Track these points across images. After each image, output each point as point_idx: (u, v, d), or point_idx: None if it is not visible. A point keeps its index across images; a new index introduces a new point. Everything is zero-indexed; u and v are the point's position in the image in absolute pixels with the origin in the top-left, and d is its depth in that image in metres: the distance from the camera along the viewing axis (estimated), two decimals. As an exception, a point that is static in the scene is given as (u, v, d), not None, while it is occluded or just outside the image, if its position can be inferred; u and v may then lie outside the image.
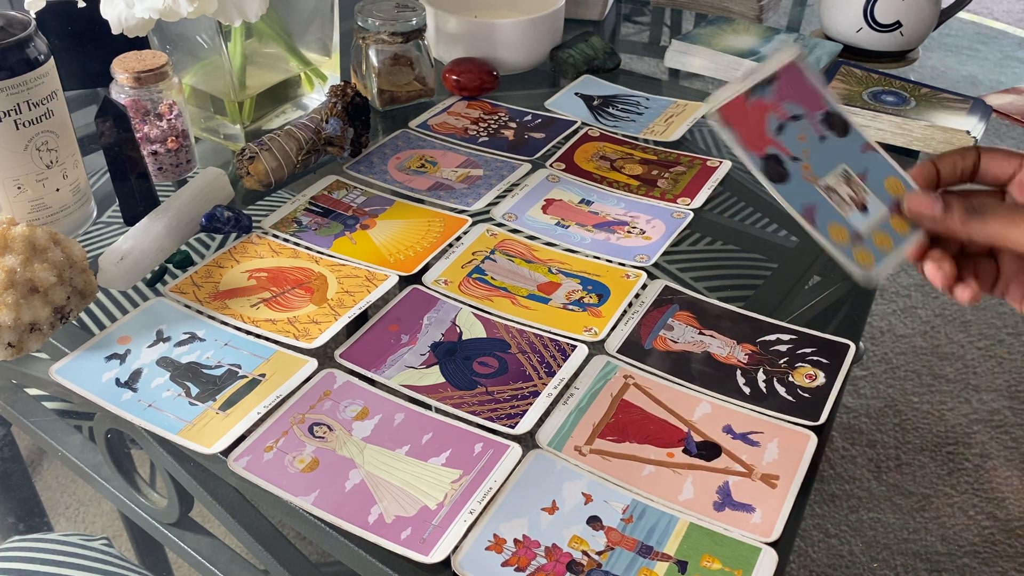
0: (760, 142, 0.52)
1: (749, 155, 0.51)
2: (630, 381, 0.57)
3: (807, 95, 0.54)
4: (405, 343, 0.60)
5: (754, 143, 0.52)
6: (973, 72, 1.32)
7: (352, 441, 0.53)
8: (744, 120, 0.52)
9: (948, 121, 0.80)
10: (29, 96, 0.61)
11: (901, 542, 1.23)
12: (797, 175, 0.52)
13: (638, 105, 0.89)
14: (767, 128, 0.52)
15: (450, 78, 0.88)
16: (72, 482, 1.31)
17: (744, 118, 0.52)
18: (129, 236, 0.64)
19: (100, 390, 0.56)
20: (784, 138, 0.52)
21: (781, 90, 0.53)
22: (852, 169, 0.53)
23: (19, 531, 0.71)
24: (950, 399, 1.46)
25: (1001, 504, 1.29)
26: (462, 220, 0.72)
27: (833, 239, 0.51)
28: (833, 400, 0.56)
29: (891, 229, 0.52)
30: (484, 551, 0.47)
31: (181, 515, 0.54)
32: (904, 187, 0.53)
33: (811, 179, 0.52)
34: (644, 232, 0.71)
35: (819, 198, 0.52)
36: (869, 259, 0.51)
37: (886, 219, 0.52)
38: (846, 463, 1.35)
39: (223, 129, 0.81)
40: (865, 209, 0.52)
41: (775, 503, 0.50)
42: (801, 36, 0.98)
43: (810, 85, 0.54)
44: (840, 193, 0.52)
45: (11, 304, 0.55)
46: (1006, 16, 2.78)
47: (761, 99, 0.52)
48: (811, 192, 0.52)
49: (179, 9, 0.65)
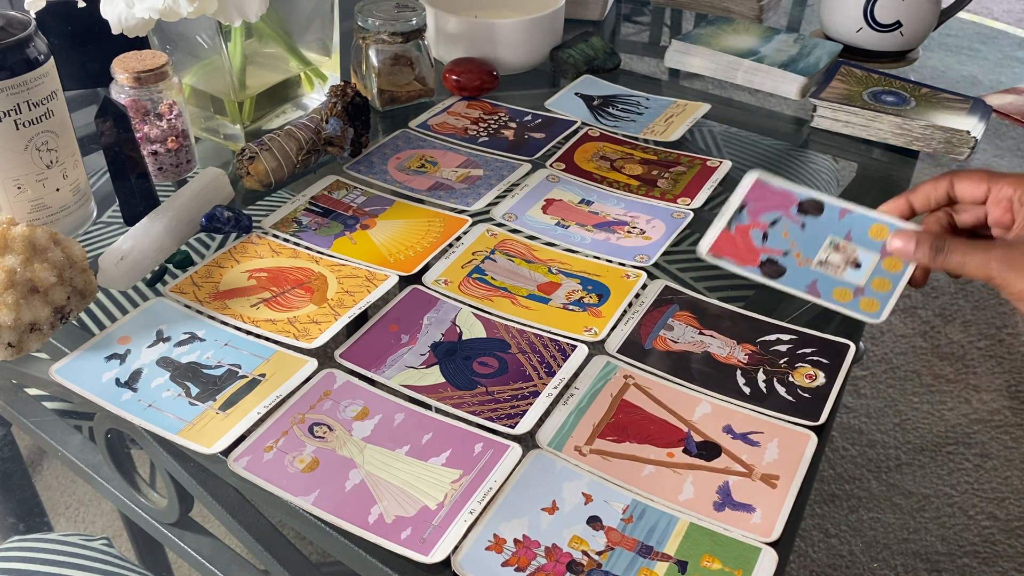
0: (752, 256, 0.59)
1: (748, 269, 0.58)
2: (630, 381, 0.57)
3: (777, 199, 0.61)
4: (405, 343, 0.60)
5: (748, 259, 0.58)
6: (973, 72, 1.32)
7: (352, 441, 0.53)
8: (733, 247, 0.59)
9: (948, 121, 0.80)
10: (29, 96, 0.61)
11: (901, 542, 1.23)
12: (792, 265, 0.58)
13: (638, 105, 0.89)
14: (754, 242, 0.59)
15: (450, 78, 0.88)
16: (72, 482, 1.31)
17: (732, 245, 0.59)
18: (129, 236, 0.64)
19: (100, 390, 0.56)
20: (771, 243, 0.59)
21: (754, 209, 0.60)
22: (837, 237, 0.60)
23: (19, 531, 0.71)
24: (950, 399, 1.46)
25: (1001, 504, 1.29)
26: (462, 220, 0.72)
27: (839, 301, 0.57)
28: (833, 400, 0.56)
29: (886, 272, 0.58)
30: (484, 551, 0.47)
31: (181, 515, 0.54)
32: (888, 228, 0.59)
33: (805, 263, 0.59)
34: (644, 232, 0.71)
35: (817, 274, 0.58)
36: (874, 305, 0.57)
37: (879, 265, 0.58)
38: (846, 463, 1.35)
39: (223, 129, 0.81)
40: (859, 265, 0.59)
41: (775, 503, 0.50)
42: (801, 36, 0.98)
43: (777, 190, 0.62)
44: (833, 262, 0.59)
45: (11, 304, 0.55)
46: (1006, 16, 2.78)
47: (740, 223, 0.60)
48: (808, 273, 0.58)
49: (179, 9, 0.65)
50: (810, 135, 0.86)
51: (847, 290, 0.59)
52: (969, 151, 0.79)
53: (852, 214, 0.61)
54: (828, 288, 0.59)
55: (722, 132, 0.93)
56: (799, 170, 0.96)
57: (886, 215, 0.60)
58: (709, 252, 0.60)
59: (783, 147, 0.94)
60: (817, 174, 0.98)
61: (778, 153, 0.94)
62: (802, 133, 0.88)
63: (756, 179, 0.63)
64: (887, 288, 0.59)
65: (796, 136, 0.88)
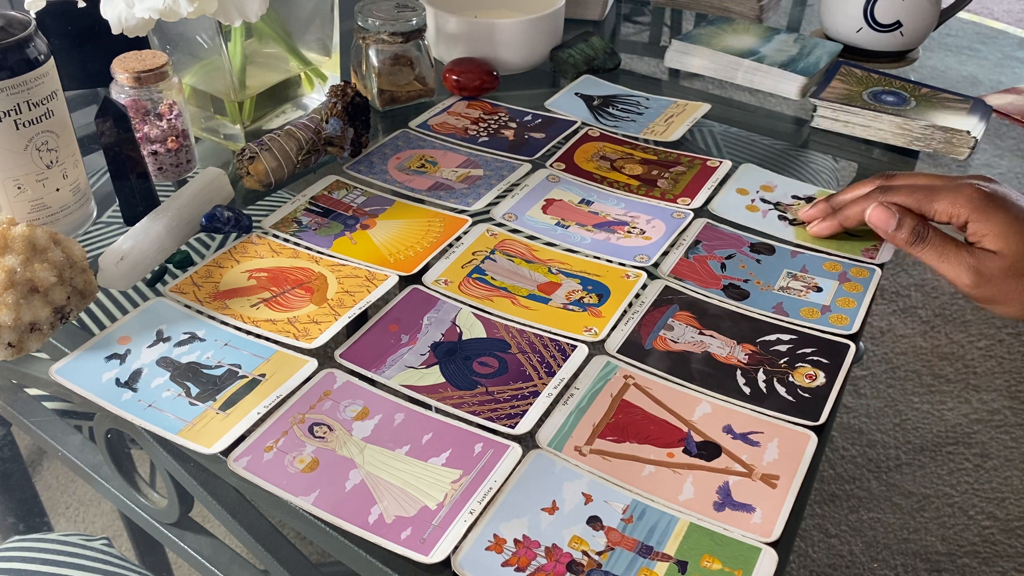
0: (714, 280, 0.65)
1: (712, 291, 0.64)
2: (630, 381, 0.57)
3: (729, 240, 0.69)
4: (405, 343, 0.60)
5: (710, 283, 0.65)
6: (973, 72, 1.32)
7: (352, 441, 0.53)
8: (694, 272, 0.66)
9: (948, 121, 0.80)
10: (29, 96, 0.61)
11: (901, 542, 1.23)
12: (755, 290, 0.65)
13: (638, 105, 0.89)
14: (713, 270, 0.66)
15: (450, 78, 0.88)
16: (72, 482, 1.31)
17: (693, 270, 0.66)
18: (129, 236, 0.64)
19: (100, 390, 0.56)
20: (729, 272, 0.66)
21: (708, 245, 0.69)
22: (793, 270, 0.66)
23: (19, 531, 0.71)
24: (950, 399, 1.46)
25: (1001, 504, 1.29)
26: (462, 220, 0.72)
27: (808, 318, 0.62)
28: (833, 400, 0.56)
29: (849, 293, 0.64)
30: (484, 551, 0.47)
31: (181, 515, 0.54)
32: (841, 265, 0.67)
33: (767, 288, 0.65)
34: (644, 232, 0.71)
35: (781, 297, 0.64)
36: (844, 320, 0.62)
37: (840, 287, 0.65)
38: (846, 463, 1.35)
39: (223, 129, 0.81)
40: (820, 289, 0.65)
41: (775, 503, 0.50)
42: (801, 36, 0.98)
43: (727, 233, 0.70)
44: (794, 288, 0.65)
45: (11, 304, 0.55)
46: (1006, 16, 2.78)
47: (697, 255, 0.68)
48: (772, 296, 0.64)
49: (179, 9, 0.65)
50: (810, 135, 0.86)
51: (814, 309, 0.63)
52: (969, 151, 0.80)
53: (804, 253, 0.68)
54: (795, 308, 0.63)
55: (722, 132, 0.93)
56: (799, 170, 0.96)
57: (836, 252, 0.67)
58: (671, 274, 0.66)
59: (783, 147, 0.94)
60: (817, 174, 0.98)
61: (778, 153, 0.94)
62: (802, 133, 0.88)
63: (706, 223, 0.71)
64: (852, 305, 0.63)
65: (796, 136, 0.88)
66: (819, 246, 0.69)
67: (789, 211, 0.73)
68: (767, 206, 0.74)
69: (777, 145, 0.93)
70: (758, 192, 0.75)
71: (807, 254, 0.68)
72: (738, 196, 0.75)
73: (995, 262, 0.59)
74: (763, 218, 0.72)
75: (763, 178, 0.77)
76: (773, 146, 0.94)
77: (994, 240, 0.60)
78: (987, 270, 0.60)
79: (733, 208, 0.73)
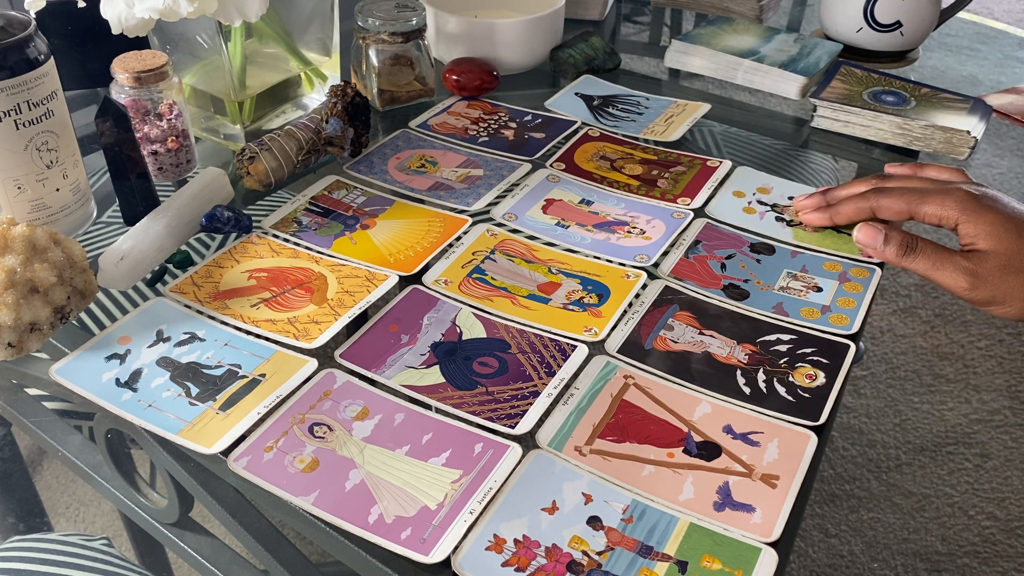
0: (714, 280, 0.65)
1: (711, 291, 0.64)
2: (630, 381, 0.57)
3: (728, 240, 0.69)
4: (405, 343, 0.60)
5: (710, 283, 0.65)
6: (973, 72, 1.32)
7: (352, 441, 0.53)
8: (694, 272, 0.66)
9: (948, 121, 0.80)
10: (29, 96, 0.61)
11: (901, 542, 1.23)
12: (755, 290, 0.64)
13: (638, 105, 0.89)
14: (713, 270, 0.66)
15: (450, 78, 0.88)
16: (72, 482, 1.31)
17: (693, 270, 0.66)
18: (129, 236, 0.64)
19: (100, 390, 0.56)
20: (729, 272, 0.66)
21: (708, 245, 0.69)
22: (793, 270, 0.66)
23: (19, 531, 0.71)
24: (950, 399, 1.46)
25: (1001, 504, 1.29)
26: (462, 220, 0.72)
27: (807, 318, 0.62)
28: (833, 400, 0.56)
29: (849, 293, 0.64)
30: (484, 551, 0.47)
31: (181, 515, 0.54)
32: (841, 265, 0.66)
33: (767, 288, 0.65)
34: (644, 232, 0.71)
35: (781, 297, 0.64)
36: (844, 320, 0.62)
37: (840, 287, 0.65)
38: (846, 463, 1.35)
39: (223, 129, 0.81)
40: (820, 289, 0.65)
41: (775, 503, 0.50)
42: (801, 36, 0.98)
43: (727, 234, 0.70)
44: (794, 288, 0.65)
45: (11, 304, 0.55)
46: (1006, 16, 2.78)
47: (697, 255, 0.68)
48: (772, 296, 0.64)
49: (179, 9, 0.65)
50: (810, 135, 0.86)
51: (814, 309, 0.63)
52: (969, 151, 0.80)
53: (804, 253, 0.68)
54: (795, 308, 0.63)
55: (722, 132, 0.93)
56: (799, 170, 0.96)
57: (836, 252, 0.68)
58: (670, 274, 0.65)
59: (783, 147, 0.94)
60: (817, 174, 0.98)
61: (778, 153, 0.94)
62: (802, 133, 0.88)
63: (706, 223, 0.70)
64: (852, 305, 0.63)
65: (796, 136, 0.88)
66: (819, 246, 0.69)
67: (786, 212, 0.73)
68: (764, 208, 0.74)
69: (777, 145, 0.93)
70: (755, 194, 0.75)
71: (807, 254, 0.68)
72: (735, 199, 0.75)
73: (989, 261, 0.59)
74: (760, 220, 0.72)
75: (759, 180, 0.77)
76: (773, 146, 0.94)
77: (986, 239, 0.60)
78: (982, 271, 0.59)
79: (730, 210, 0.73)
